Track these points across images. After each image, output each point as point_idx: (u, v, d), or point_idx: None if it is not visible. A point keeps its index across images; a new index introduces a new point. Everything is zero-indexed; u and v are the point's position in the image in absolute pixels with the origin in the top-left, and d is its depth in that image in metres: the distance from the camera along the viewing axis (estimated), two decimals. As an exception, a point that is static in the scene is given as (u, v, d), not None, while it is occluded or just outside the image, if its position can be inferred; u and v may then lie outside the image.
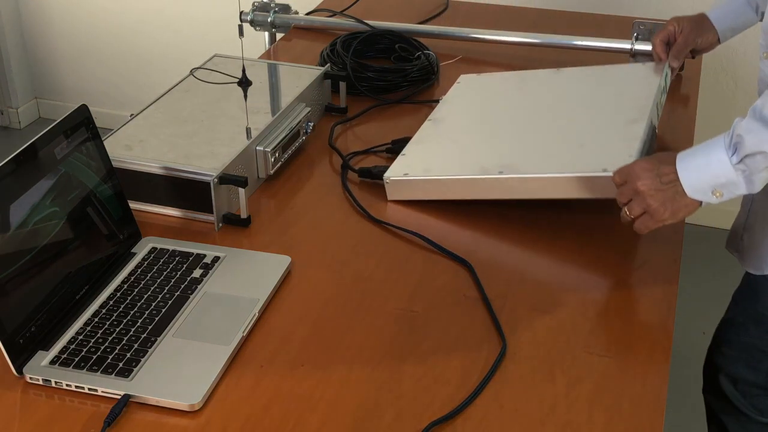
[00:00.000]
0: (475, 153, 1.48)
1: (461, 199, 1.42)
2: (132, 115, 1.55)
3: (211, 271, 1.27)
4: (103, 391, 1.07)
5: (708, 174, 1.18)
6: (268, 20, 2.13)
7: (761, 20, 1.53)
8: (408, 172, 1.45)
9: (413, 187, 1.44)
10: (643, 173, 1.22)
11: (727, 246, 1.51)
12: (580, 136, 1.45)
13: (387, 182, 1.46)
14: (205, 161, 1.40)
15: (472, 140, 1.53)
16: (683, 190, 1.19)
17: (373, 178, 1.50)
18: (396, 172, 1.46)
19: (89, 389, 1.08)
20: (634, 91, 1.57)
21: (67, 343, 1.13)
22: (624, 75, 1.67)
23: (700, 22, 1.70)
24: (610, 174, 1.29)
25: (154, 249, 1.31)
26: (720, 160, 1.16)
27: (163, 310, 1.19)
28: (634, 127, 1.42)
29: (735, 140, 1.16)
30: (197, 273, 1.27)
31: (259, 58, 2.01)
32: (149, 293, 1.22)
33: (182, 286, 1.24)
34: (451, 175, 1.41)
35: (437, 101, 1.74)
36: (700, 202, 1.20)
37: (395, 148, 1.58)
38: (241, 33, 1.49)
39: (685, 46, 1.68)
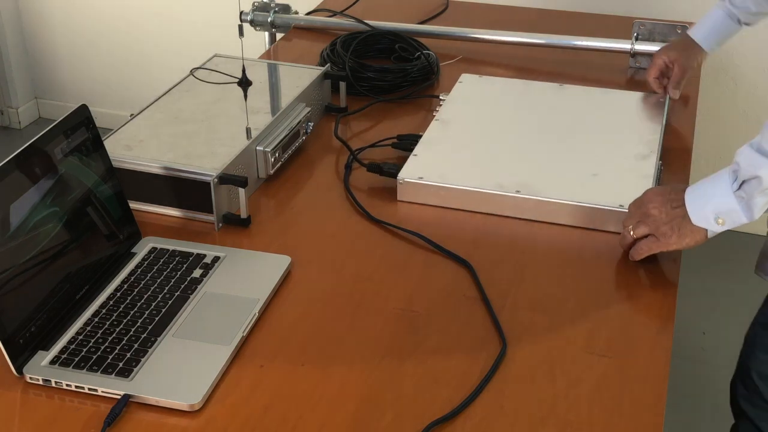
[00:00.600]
0: (490, 166, 1.50)
1: (474, 210, 1.44)
2: (132, 115, 1.55)
3: (211, 271, 1.27)
4: (103, 391, 1.07)
5: (711, 201, 1.21)
6: (268, 20, 2.13)
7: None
8: (423, 176, 1.46)
9: (427, 192, 1.45)
10: (655, 197, 1.27)
11: (756, 271, 1.50)
12: (592, 164, 1.50)
13: (400, 183, 1.46)
14: (205, 161, 1.40)
15: (485, 150, 1.55)
16: (689, 217, 1.23)
17: (383, 175, 1.50)
18: (410, 174, 1.47)
19: (89, 389, 1.08)
20: (641, 124, 1.64)
21: (67, 343, 1.13)
22: (628, 104, 1.72)
23: (688, 47, 1.74)
24: (626, 210, 1.34)
25: (154, 249, 1.31)
26: (723, 188, 1.20)
27: (163, 310, 1.19)
28: (644, 164, 1.49)
29: (734, 167, 1.20)
30: (197, 273, 1.27)
31: (259, 58, 2.01)
32: (149, 293, 1.22)
33: (182, 286, 1.24)
34: (469, 187, 1.43)
35: (437, 96, 1.76)
36: (706, 231, 1.23)
37: (402, 143, 1.58)
38: (241, 33, 1.49)
39: (682, 76, 1.73)
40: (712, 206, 1.21)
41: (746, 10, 1.68)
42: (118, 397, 1.06)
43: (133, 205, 1.37)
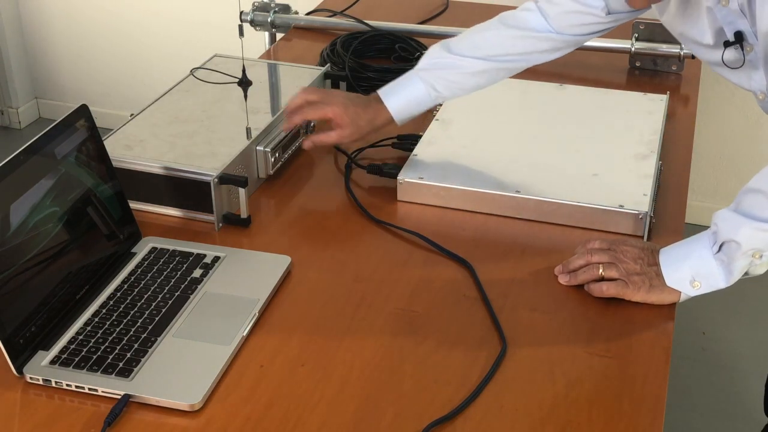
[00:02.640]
0: (490, 166, 1.50)
1: (474, 210, 1.44)
2: (132, 115, 1.55)
3: (211, 271, 1.27)
4: (103, 391, 1.07)
5: (688, 261, 1.20)
6: (268, 20, 2.13)
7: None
8: (423, 176, 1.46)
9: (427, 192, 1.45)
10: (631, 248, 1.25)
11: None
12: (591, 164, 1.50)
13: (401, 183, 1.46)
14: (205, 161, 1.40)
15: (485, 151, 1.55)
16: (663, 278, 1.21)
17: (383, 176, 1.50)
18: (410, 174, 1.47)
19: (89, 389, 1.08)
20: (640, 124, 1.62)
21: (68, 343, 1.13)
22: (628, 104, 1.71)
23: (371, 113, 1.50)
24: (627, 210, 1.36)
25: (154, 249, 1.31)
26: (702, 249, 1.19)
27: (163, 310, 1.19)
28: (644, 164, 1.48)
29: (713, 228, 1.19)
30: (197, 273, 1.27)
31: (259, 58, 2.01)
32: (149, 293, 1.22)
33: (182, 286, 1.24)
34: (469, 187, 1.43)
35: None
36: (679, 294, 1.21)
37: (402, 144, 1.58)
38: (241, 33, 1.49)
39: (336, 142, 1.52)
40: (689, 267, 1.20)
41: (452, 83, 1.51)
42: (118, 397, 1.06)
43: (133, 205, 1.37)
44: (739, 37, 1.24)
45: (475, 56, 1.48)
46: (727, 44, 1.26)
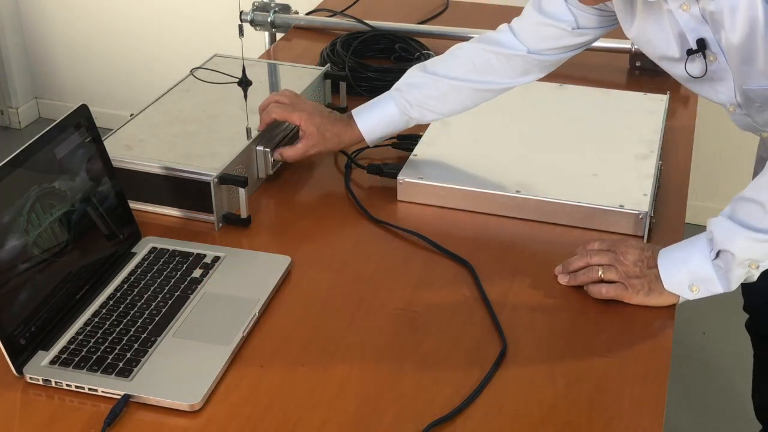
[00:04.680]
0: (490, 166, 1.50)
1: (474, 210, 1.44)
2: (132, 115, 1.55)
3: (211, 271, 1.27)
4: (103, 391, 1.07)
5: (687, 266, 1.19)
6: (268, 20, 2.13)
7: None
8: (423, 176, 1.46)
9: (427, 191, 1.45)
10: (631, 249, 1.24)
11: None
12: (591, 164, 1.50)
13: (401, 183, 1.46)
14: (205, 161, 1.40)
15: (485, 151, 1.55)
16: (661, 281, 1.20)
17: (383, 176, 1.50)
18: (410, 174, 1.47)
19: (89, 389, 1.08)
20: (641, 123, 1.62)
21: (67, 343, 1.13)
22: (628, 104, 1.71)
23: (342, 131, 1.50)
24: (627, 210, 1.36)
25: (154, 249, 1.31)
26: (700, 254, 1.18)
27: (163, 310, 1.19)
28: (645, 164, 1.49)
29: (709, 236, 1.18)
30: (197, 273, 1.27)
31: (259, 58, 2.01)
32: (149, 293, 1.22)
33: (182, 286, 1.24)
34: (468, 187, 1.43)
35: None
36: (677, 297, 1.21)
37: (402, 143, 1.58)
38: (241, 33, 1.49)
39: (303, 154, 1.49)
40: (687, 272, 1.19)
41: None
42: (118, 397, 1.06)
43: (133, 205, 1.37)
44: (702, 45, 1.23)
45: (447, 76, 1.46)
46: (690, 53, 1.24)
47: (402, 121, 1.49)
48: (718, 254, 1.17)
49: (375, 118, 1.48)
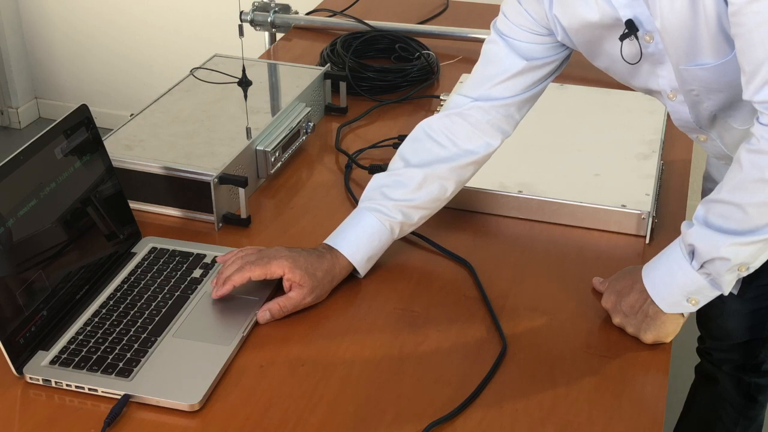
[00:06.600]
0: (492, 166, 1.48)
1: (474, 210, 1.44)
2: (132, 115, 1.55)
3: (211, 271, 1.27)
4: (103, 391, 1.07)
5: (675, 284, 1.14)
6: (268, 20, 2.13)
7: None
8: None
9: None
10: (628, 298, 1.18)
11: None
12: (593, 163, 1.50)
13: None
14: (205, 161, 1.40)
15: None
16: (660, 312, 1.16)
17: None
18: None
19: (89, 389, 1.08)
20: (642, 123, 1.63)
21: (67, 343, 1.13)
22: (629, 104, 1.71)
23: (330, 268, 1.25)
24: (629, 210, 1.36)
25: (154, 249, 1.31)
26: (682, 269, 1.12)
27: (163, 310, 1.19)
28: (646, 163, 1.49)
29: (689, 249, 1.12)
30: (197, 273, 1.27)
31: (259, 58, 2.01)
32: (149, 293, 1.22)
33: (182, 286, 1.24)
34: (470, 187, 1.42)
35: (437, 96, 1.77)
36: (682, 314, 1.16)
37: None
38: (241, 33, 1.49)
39: (290, 309, 1.22)
40: (678, 289, 1.13)
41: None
42: (118, 397, 1.06)
43: (133, 205, 1.37)
44: (632, 27, 1.11)
45: (417, 164, 1.30)
46: (622, 38, 1.13)
47: (388, 231, 1.28)
48: (703, 265, 1.11)
49: (355, 240, 1.27)
